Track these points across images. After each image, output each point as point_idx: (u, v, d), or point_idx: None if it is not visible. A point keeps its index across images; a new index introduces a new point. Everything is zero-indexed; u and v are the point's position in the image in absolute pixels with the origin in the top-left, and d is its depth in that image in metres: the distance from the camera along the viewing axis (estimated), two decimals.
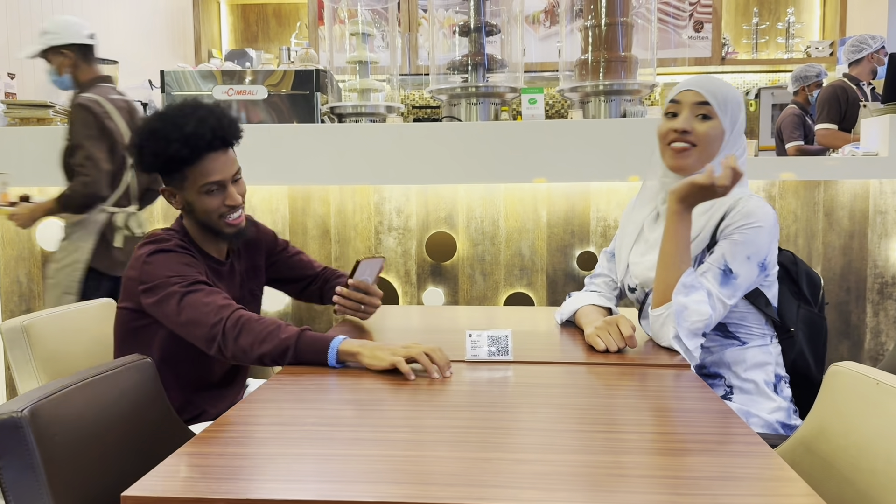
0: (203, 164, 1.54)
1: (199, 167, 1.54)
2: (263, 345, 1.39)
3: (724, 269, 1.47)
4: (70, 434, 1.01)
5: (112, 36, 4.54)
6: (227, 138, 1.57)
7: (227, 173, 1.58)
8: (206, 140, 1.52)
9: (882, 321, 2.71)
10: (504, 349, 1.40)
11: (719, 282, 1.46)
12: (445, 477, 0.85)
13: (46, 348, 1.58)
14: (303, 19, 5.95)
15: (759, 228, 1.47)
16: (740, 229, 1.48)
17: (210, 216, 1.59)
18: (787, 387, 1.57)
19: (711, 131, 1.54)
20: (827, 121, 4.20)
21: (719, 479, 0.85)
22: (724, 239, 1.49)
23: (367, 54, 3.00)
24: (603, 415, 1.08)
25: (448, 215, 2.75)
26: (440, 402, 1.15)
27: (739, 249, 1.47)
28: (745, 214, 1.48)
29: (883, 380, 1.06)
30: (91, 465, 1.04)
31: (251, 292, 1.83)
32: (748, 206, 1.49)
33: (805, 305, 1.62)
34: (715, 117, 1.54)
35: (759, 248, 1.47)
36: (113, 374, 1.13)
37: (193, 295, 1.47)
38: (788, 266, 1.66)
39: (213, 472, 0.86)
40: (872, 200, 2.68)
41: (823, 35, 5.72)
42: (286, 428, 1.02)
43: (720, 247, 1.49)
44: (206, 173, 1.55)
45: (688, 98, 1.56)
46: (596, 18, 2.87)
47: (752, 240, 1.47)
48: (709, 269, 1.48)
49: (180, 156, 1.52)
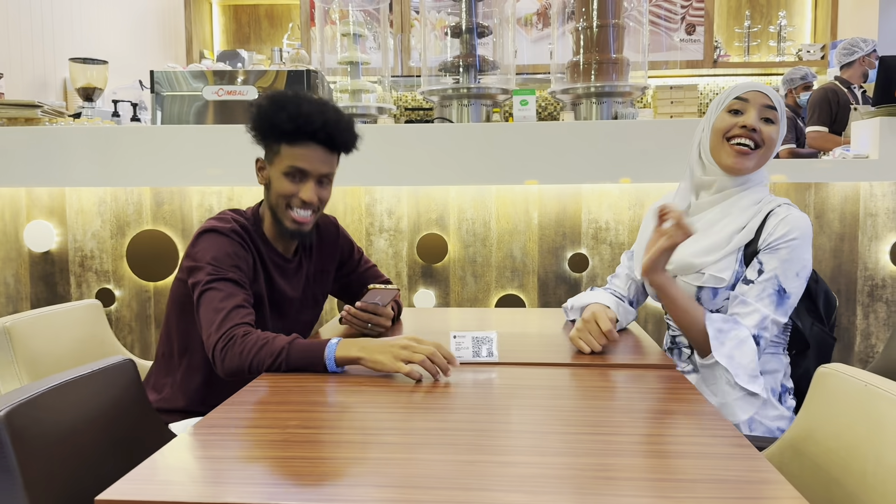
0: (300, 147, 1.53)
1: (294, 149, 1.53)
2: (253, 359, 1.34)
3: (778, 290, 1.46)
4: (47, 437, 0.99)
5: (102, 36, 4.52)
6: (335, 138, 1.56)
7: (317, 168, 1.56)
8: (313, 127, 1.52)
9: (872, 323, 2.71)
10: (489, 351, 1.38)
11: (776, 304, 1.46)
12: (429, 480, 0.84)
13: (30, 349, 1.56)
14: (295, 20, 5.93)
15: (803, 241, 1.47)
16: (787, 243, 1.47)
17: (279, 201, 1.57)
18: (792, 398, 1.56)
19: (774, 135, 1.55)
20: (818, 123, 4.21)
21: (705, 482, 0.84)
22: (770, 252, 1.48)
23: (359, 55, 2.99)
24: (589, 417, 1.07)
25: (439, 217, 2.74)
26: (425, 405, 1.13)
27: (789, 267, 1.46)
28: (788, 224, 1.48)
29: (871, 382, 1.05)
30: (69, 468, 1.02)
31: (314, 297, 1.78)
32: (790, 215, 1.49)
33: (818, 324, 1.62)
34: (777, 123, 1.55)
35: (805, 262, 1.48)
36: (92, 376, 1.11)
37: (211, 293, 1.44)
38: (809, 284, 1.62)
39: (190, 476, 0.85)
40: (863, 203, 2.68)
41: (815, 38, 5.74)
42: (268, 430, 1.01)
43: (769, 264, 1.47)
44: (296, 157, 1.54)
45: (756, 99, 1.55)
46: (587, 20, 2.87)
47: (799, 255, 1.47)
48: (762, 291, 1.46)
49: (283, 128, 1.51)
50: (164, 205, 2.75)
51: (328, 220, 1.85)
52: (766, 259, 1.48)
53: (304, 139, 1.53)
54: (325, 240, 1.82)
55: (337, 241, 1.83)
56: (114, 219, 2.76)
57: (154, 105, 2.89)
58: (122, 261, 2.76)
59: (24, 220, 2.77)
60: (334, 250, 1.82)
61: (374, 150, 2.64)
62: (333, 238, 1.83)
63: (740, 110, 1.55)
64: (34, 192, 2.77)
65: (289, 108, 1.51)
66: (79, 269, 2.78)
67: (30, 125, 2.79)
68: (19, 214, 2.78)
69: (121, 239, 2.76)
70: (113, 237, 2.76)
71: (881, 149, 2.59)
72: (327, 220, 1.85)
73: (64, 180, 2.69)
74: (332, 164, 1.60)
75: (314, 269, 1.78)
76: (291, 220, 1.58)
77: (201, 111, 2.86)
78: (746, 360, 1.41)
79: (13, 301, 2.82)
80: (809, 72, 4.59)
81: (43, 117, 2.84)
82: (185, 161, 2.65)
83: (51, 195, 2.77)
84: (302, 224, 1.58)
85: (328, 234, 1.83)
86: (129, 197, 2.75)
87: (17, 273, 2.80)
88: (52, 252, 2.78)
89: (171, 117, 2.87)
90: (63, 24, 4.08)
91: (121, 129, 2.70)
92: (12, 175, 2.68)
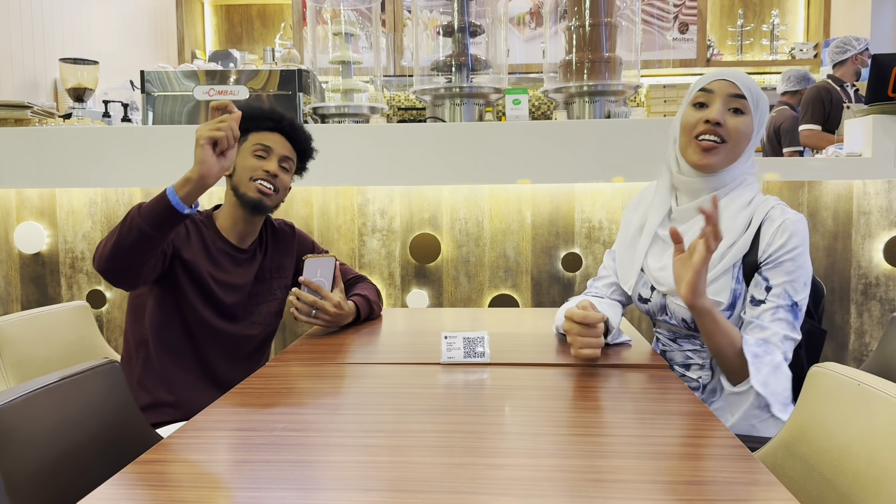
0: (265, 133, 1.77)
1: (261, 133, 1.77)
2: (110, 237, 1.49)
3: (791, 305, 1.38)
4: (31, 440, 0.97)
5: (93, 37, 4.49)
6: (296, 131, 1.82)
7: (280, 150, 1.78)
8: (279, 116, 1.79)
9: (866, 322, 2.70)
10: (480, 351, 1.37)
11: (791, 321, 1.38)
12: (417, 483, 0.83)
13: (18, 352, 1.54)
14: (287, 20, 5.91)
15: (804, 247, 1.40)
16: (790, 253, 1.39)
17: (244, 176, 1.73)
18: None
19: (744, 128, 1.43)
20: (811, 122, 4.21)
21: (697, 483, 0.83)
22: (774, 267, 1.40)
23: (350, 54, 2.98)
24: (580, 417, 1.06)
25: (432, 216, 2.73)
26: (414, 406, 1.12)
27: (797, 279, 1.39)
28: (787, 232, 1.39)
29: (864, 381, 1.04)
30: (53, 471, 1.00)
31: (270, 290, 1.87)
32: (786, 220, 1.40)
33: (807, 317, 1.54)
34: (748, 113, 1.44)
35: (809, 269, 1.41)
36: (78, 379, 1.10)
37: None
38: None
39: (174, 480, 0.84)
40: (856, 201, 2.67)
41: (808, 37, 5.75)
42: (253, 434, 0.99)
43: (776, 279, 1.39)
44: (262, 138, 1.76)
45: (721, 88, 1.44)
46: (580, 19, 2.86)
47: (803, 263, 1.40)
48: (776, 311, 1.38)
49: (253, 116, 1.75)
50: None
51: (283, 223, 1.98)
52: (771, 275, 1.40)
53: (270, 126, 1.77)
54: (280, 238, 1.94)
55: (293, 239, 1.96)
56: (104, 220, 2.74)
57: (145, 105, 2.87)
58: None
59: (14, 222, 2.75)
60: (290, 248, 1.94)
61: (366, 149, 2.63)
62: (289, 237, 1.96)
63: (705, 103, 1.46)
64: (24, 193, 2.75)
65: (263, 106, 1.81)
66: (69, 271, 2.76)
67: (20, 126, 2.77)
68: (9, 216, 2.76)
69: None
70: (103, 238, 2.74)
71: (874, 147, 2.59)
72: (283, 222, 1.98)
73: (54, 181, 2.67)
74: (293, 153, 1.82)
75: (269, 264, 1.89)
76: (255, 189, 1.72)
77: (193, 111, 2.85)
78: (781, 387, 1.33)
79: (4, 303, 2.80)
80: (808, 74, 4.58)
81: (33, 118, 2.82)
82: (175, 161, 2.64)
83: (41, 196, 2.75)
84: (264, 195, 1.73)
85: (283, 234, 1.95)
86: (120, 198, 2.73)
87: (8, 275, 2.78)
88: (42, 253, 2.76)
89: (163, 118, 2.86)
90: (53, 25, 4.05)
91: (111, 129, 2.68)
92: (2, 176, 2.66)
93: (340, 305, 1.71)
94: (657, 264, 1.54)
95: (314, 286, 1.68)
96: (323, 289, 1.69)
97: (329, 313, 1.69)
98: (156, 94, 2.87)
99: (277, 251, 1.91)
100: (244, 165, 1.74)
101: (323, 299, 1.68)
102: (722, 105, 1.44)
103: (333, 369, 1.34)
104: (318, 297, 1.67)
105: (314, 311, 1.67)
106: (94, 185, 2.66)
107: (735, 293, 1.43)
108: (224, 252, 1.77)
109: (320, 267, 1.71)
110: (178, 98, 2.87)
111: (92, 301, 2.76)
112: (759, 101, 1.46)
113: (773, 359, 1.34)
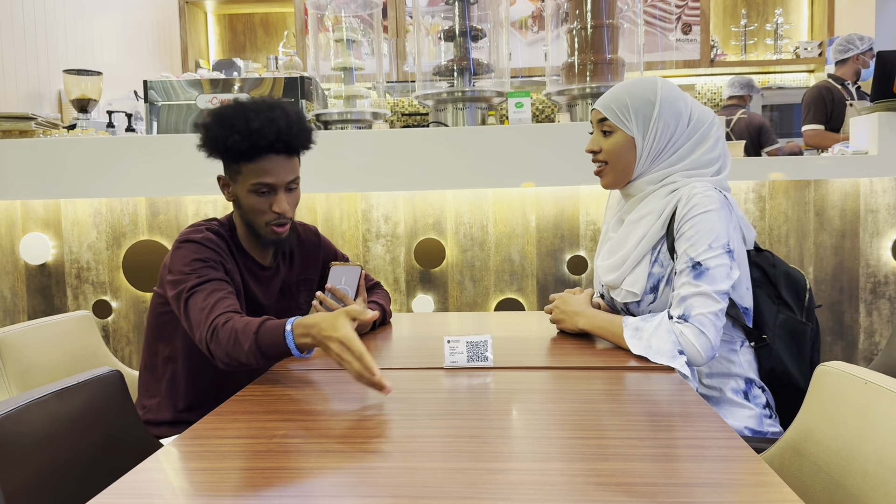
0: (260, 163, 1.51)
1: (255, 165, 1.51)
2: (235, 349, 1.34)
3: (692, 264, 1.40)
4: (31, 449, 0.97)
5: (97, 48, 4.52)
6: (291, 144, 1.53)
7: (282, 179, 1.54)
8: (268, 140, 1.49)
9: (875, 321, 2.68)
10: (483, 355, 1.36)
11: (694, 277, 1.39)
12: (419, 489, 0.82)
13: (20, 362, 1.54)
14: (290, 28, 5.93)
15: (707, 214, 1.40)
16: (689, 220, 1.42)
17: (255, 217, 1.57)
18: (763, 393, 1.48)
19: (614, 146, 1.52)
20: (813, 122, 4.19)
21: (702, 485, 0.81)
22: (679, 238, 1.44)
23: (352, 61, 2.98)
24: (584, 421, 1.05)
25: (436, 221, 2.73)
26: (416, 412, 1.11)
27: (697, 241, 1.40)
28: (690, 203, 1.43)
29: (871, 379, 1.03)
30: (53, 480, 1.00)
31: (297, 305, 1.78)
32: (692, 195, 1.44)
33: (785, 310, 1.52)
34: (617, 130, 1.52)
35: (715, 231, 1.40)
36: (78, 387, 1.09)
37: (194, 297, 1.44)
38: (766, 268, 1.56)
39: (174, 488, 0.83)
40: (863, 199, 2.65)
41: (812, 35, 5.73)
42: (253, 441, 0.98)
43: (680, 248, 1.44)
44: (260, 173, 1.52)
45: (594, 117, 1.57)
46: (582, 21, 2.85)
47: (704, 227, 1.40)
48: (681, 276, 1.42)
49: (239, 149, 1.49)
50: (159, 215, 2.74)
51: (309, 229, 1.85)
52: (678, 245, 1.45)
53: (262, 153, 1.50)
54: (307, 248, 1.82)
55: (318, 249, 1.83)
56: (109, 230, 2.75)
57: (149, 115, 2.88)
58: (119, 272, 2.75)
59: (20, 233, 2.76)
60: (316, 259, 1.83)
61: (369, 155, 2.63)
62: (315, 246, 1.83)
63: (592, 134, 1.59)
64: (29, 204, 2.76)
65: (237, 126, 1.48)
66: (75, 281, 2.77)
67: (24, 137, 2.78)
68: (15, 227, 2.77)
69: (117, 250, 2.75)
70: (109, 248, 2.75)
71: (880, 144, 2.57)
72: (308, 228, 1.85)
73: (59, 192, 2.68)
74: (295, 168, 1.58)
75: (295, 277, 1.78)
76: (271, 232, 1.59)
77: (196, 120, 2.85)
78: (663, 342, 1.37)
79: (10, 314, 2.81)
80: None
81: (37, 129, 2.84)
82: (180, 171, 2.64)
83: (46, 207, 2.76)
84: (280, 235, 1.60)
85: (309, 243, 1.83)
86: (125, 207, 2.74)
87: (14, 286, 2.79)
88: (48, 264, 2.76)
89: (167, 127, 2.86)
90: (57, 36, 4.07)
91: (115, 139, 2.69)
92: (7, 188, 2.67)
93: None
94: (600, 261, 1.64)
95: (340, 294, 1.65)
96: (348, 297, 1.65)
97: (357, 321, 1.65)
98: (159, 103, 2.88)
99: (304, 263, 1.80)
100: (251, 206, 1.56)
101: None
102: (597, 133, 1.56)
103: (334, 375, 1.33)
104: (342, 305, 1.62)
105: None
106: (98, 195, 2.67)
107: (656, 277, 1.50)
108: (248, 270, 1.65)
109: (346, 275, 1.69)
110: (181, 107, 2.88)
111: (98, 311, 2.76)
112: (628, 109, 1.50)
113: (652, 323, 1.42)
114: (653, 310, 1.51)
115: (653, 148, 1.50)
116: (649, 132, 1.49)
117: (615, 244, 1.57)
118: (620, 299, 1.55)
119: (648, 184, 1.53)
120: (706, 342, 1.36)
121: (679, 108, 1.49)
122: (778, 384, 1.50)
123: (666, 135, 1.49)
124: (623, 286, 1.52)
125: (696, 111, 1.52)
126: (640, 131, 1.50)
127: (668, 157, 1.51)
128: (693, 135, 1.51)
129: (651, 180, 1.52)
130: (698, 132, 1.51)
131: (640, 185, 1.54)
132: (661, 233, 1.48)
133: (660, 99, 1.49)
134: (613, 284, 1.56)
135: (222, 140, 1.49)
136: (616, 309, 1.63)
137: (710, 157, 1.51)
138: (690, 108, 1.52)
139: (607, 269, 1.56)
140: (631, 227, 1.54)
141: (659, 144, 1.50)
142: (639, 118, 1.49)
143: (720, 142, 1.53)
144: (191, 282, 1.47)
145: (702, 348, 1.36)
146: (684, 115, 1.50)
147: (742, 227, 1.52)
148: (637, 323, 1.45)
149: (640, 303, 1.51)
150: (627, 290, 1.52)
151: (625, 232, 1.56)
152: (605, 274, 1.57)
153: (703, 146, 1.51)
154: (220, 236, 1.60)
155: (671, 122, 1.49)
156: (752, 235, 1.55)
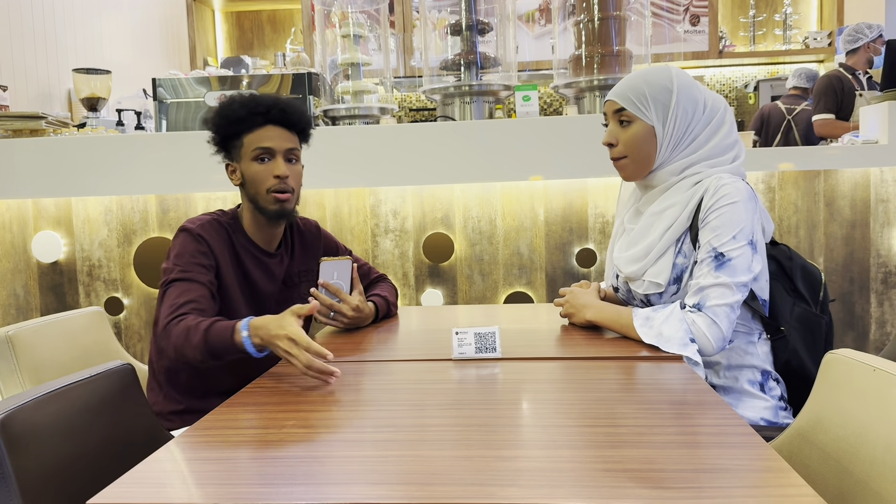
0: (259, 131, 1.64)
1: (254, 134, 1.64)
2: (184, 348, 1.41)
3: (715, 255, 1.39)
4: (44, 442, 0.98)
5: (105, 47, 4.54)
6: (288, 115, 1.66)
7: (280, 144, 1.64)
8: (266, 107, 1.63)
9: (887, 311, 2.67)
10: (491, 346, 1.37)
11: (715, 268, 1.39)
12: (427, 476, 0.83)
13: (33, 358, 1.56)
14: (297, 25, 5.94)
15: (734, 205, 1.40)
16: (715, 211, 1.41)
17: (258, 188, 1.65)
18: (778, 385, 1.48)
19: (634, 137, 1.49)
20: (823, 111, 4.17)
21: (710, 472, 0.82)
22: (703, 227, 1.43)
23: (359, 56, 2.98)
24: (592, 409, 1.06)
25: (445, 216, 2.73)
26: (425, 402, 1.12)
27: (722, 232, 1.40)
28: (717, 195, 1.42)
29: (880, 366, 1.03)
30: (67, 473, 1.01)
31: (299, 294, 1.82)
32: (720, 186, 1.43)
33: (801, 303, 1.52)
34: (636, 120, 1.49)
35: (740, 223, 1.39)
36: (91, 381, 1.11)
37: (169, 291, 1.53)
38: (783, 261, 1.55)
39: (185, 478, 0.84)
40: (874, 189, 2.64)
41: (821, 25, 5.68)
42: (263, 431, 0.99)
43: (703, 238, 1.43)
44: (259, 139, 1.63)
45: (609, 108, 1.53)
46: (589, 14, 2.85)
47: (730, 219, 1.39)
48: (702, 265, 1.41)
49: (238, 116, 1.62)
50: (169, 212, 2.75)
51: (309, 222, 1.91)
52: (702, 235, 1.44)
53: (261, 122, 1.63)
54: (307, 239, 1.87)
55: (319, 241, 1.89)
56: (120, 227, 2.77)
57: (158, 113, 2.90)
58: (130, 269, 2.77)
59: (32, 231, 2.79)
60: (317, 250, 1.87)
61: (377, 150, 2.63)
62: (315, 238, 1.89)
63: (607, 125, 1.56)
64: (41, 202, 2.78)
65: (239, 99, 1.64)
66: (87, 279, 2.79)
67: (35, 137, 2.81)
68: (27, 226, 2.79)
69: (128, 247, 2.77)
70: (120, 246, 2.77)
71: (890, 133, 2.55)
72: (308, 222, 1.91)
73: (70, 190, 2.70)
74: (294, 141, 1.69)
75: (297, 268, 1.82)
76: (273, 199, 1.65)
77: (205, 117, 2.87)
78: (674, 330, 1.38)
79: (23, 312, 2.83)
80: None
81: (47, 128, 2.86)
82: (189, 168, 2.66)
83: (57, 205, 2.78)
84: (284, 201, 1.65)
85: (309, 234, 1.88)
86: (135, 205, 2.76)
87: (27, 284, 2.81)
88: (60, 262, 2.79)
89: (176, 124, 2.88)
90: (66, 36, 4.10)
91: (125, 137, 2.71)
92: (19, 187, 2.70)
93: (359, 308, 1.69)
94: (618, 252, 1.62)
95: (333, 289, 1.66)
96: (342, 291, 1.67)
97: (347, 316, 1.68)
98: (168, 101, 2.89)
99: (304, 254, 1.85)
100: (253, 175, 1.65)
101: (341, 302, 1.66)
102: (614, 124, 1.52)
103: (344, 367, 1.34)
104: (336, 299, 1.66)
105: (332, 314, 1.66)
106: (109, 193, 2.69)
107: (680, 268, 1.48)
108: (251, 255, 1.71)
109: (337, 269, 1.69)
110: (190, 104, 2.89)
111: (110, 308, 2.79)
112: (645, 98, 1.48)
113: (663, 313, 1.42)
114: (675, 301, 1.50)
115: (673, 136, 1.49)
116: (669, 120, 1.48)
117: (636, 236, 1.55)
118: (642, 291, 1.53)
119: (671, 174, 1.51)
120: (718, 332, 1.36)
121: (695, 94, 1.49)
122: (793, 376, 1.50)
123: (685, 122, 1.48)
124: (646, 277, 1.51)
125: (709, 98, 1.51)
126: (659, 120, 1.48)
127: (687, 144, 1.50)
128: (710, 121, 1.50)
129: (673, 171, 1.51)
130: (714, 118, 1.50)
131: (662, 176, 1.52)
132: (687, 224, 1.47)
133: (676, 86, 1.48)
134: (634, 276, 1.53)
135: (225, 113, 1.64)
136: (630, 302, 1.62)
137: (727, 143, 1.51)
138: (704, 95, 1.51)
139: (627, 260, 1.54)
140: (653, 219, 1.52)
141: (678, 132, 1.49)
142: (658, 106, 1.48)
143: (734, 128, 1.53)
144: (171, 275, 1.55)
145: (713, 338, 1.36)
146: (700, 101, 1.49)
147: (763, 220, 1.51)
148: (647, 312, 1.45)
149: (663, 294, 1.50)
150: (651, 282, 1.50)
151: (646, 223, 1.53)
152: (626, 265, 1.55)
153: (720, 132, 1.50)
154: (219, 223, 1.67)
155: (689, 108, 1.48)
156: (771, 229, 1.54)
